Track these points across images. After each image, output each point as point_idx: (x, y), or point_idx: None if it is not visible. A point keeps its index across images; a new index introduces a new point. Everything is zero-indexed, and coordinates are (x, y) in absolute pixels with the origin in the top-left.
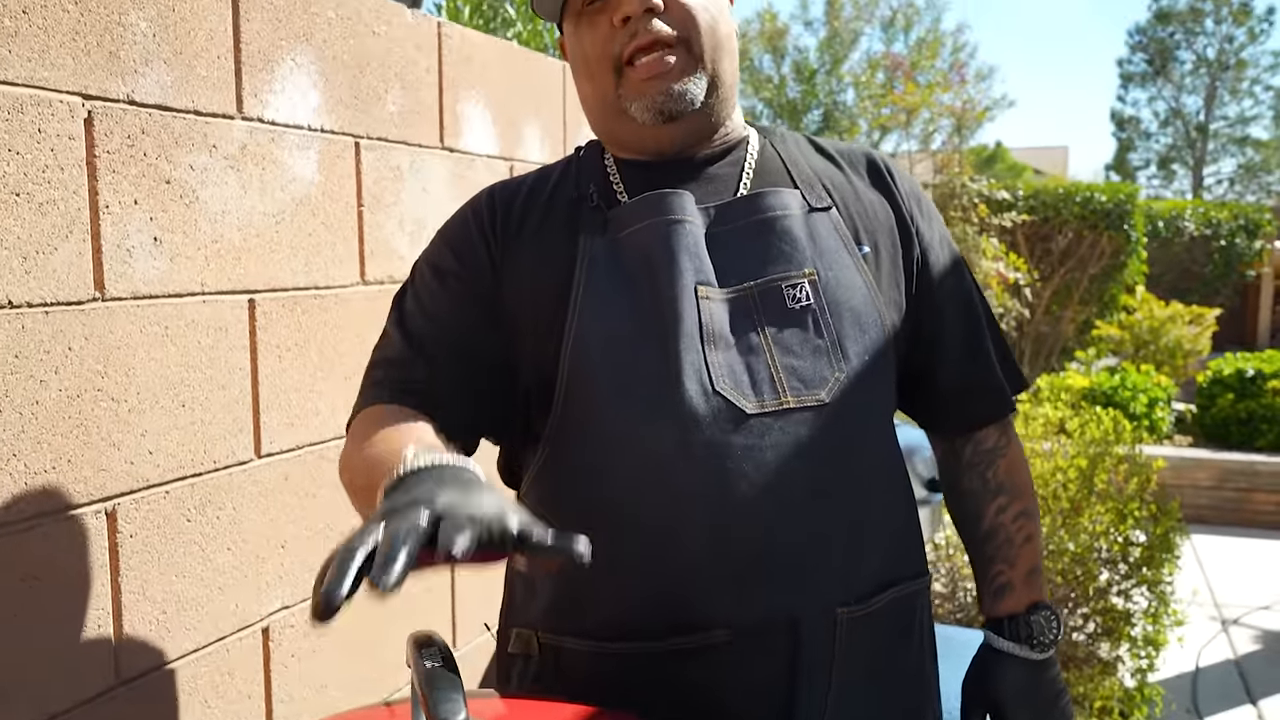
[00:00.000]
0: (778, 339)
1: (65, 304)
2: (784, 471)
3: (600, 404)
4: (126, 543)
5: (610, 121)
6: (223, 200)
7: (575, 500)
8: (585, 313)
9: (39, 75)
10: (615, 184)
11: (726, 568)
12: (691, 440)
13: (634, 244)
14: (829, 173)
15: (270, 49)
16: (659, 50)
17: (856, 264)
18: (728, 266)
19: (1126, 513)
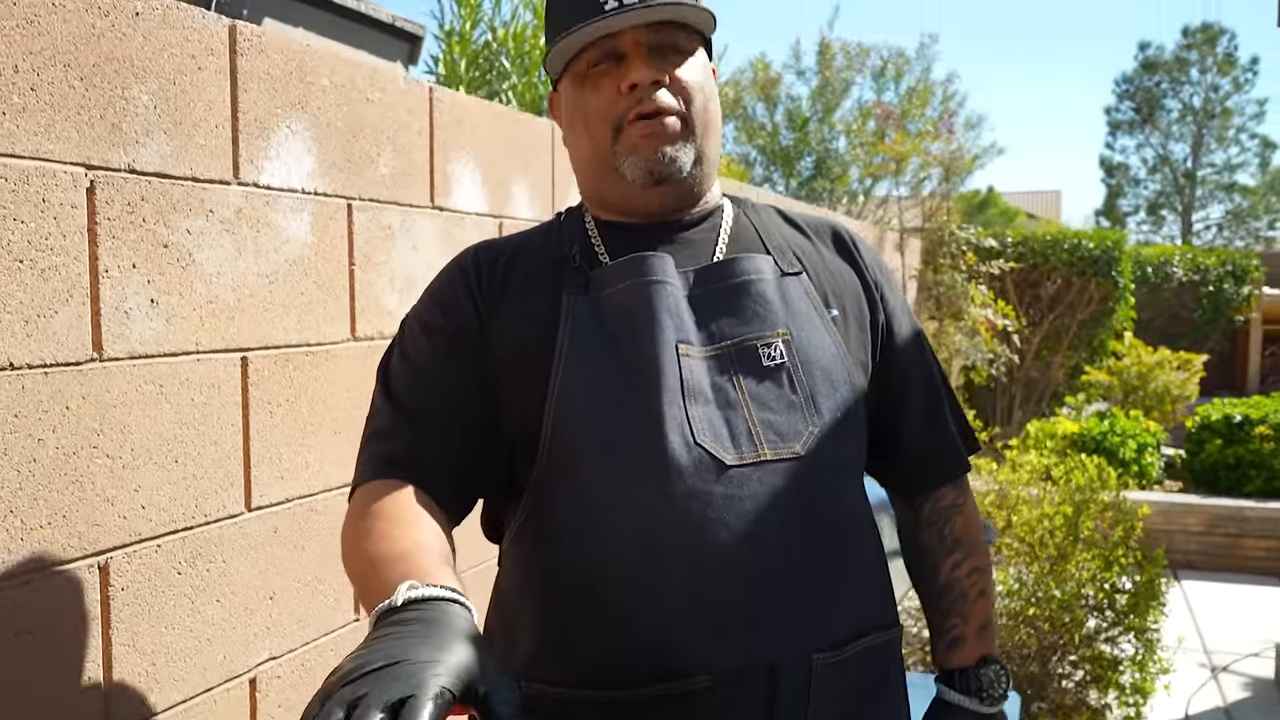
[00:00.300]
0: (754, 395)
1: (64, 365)
2: (762, 520)
3: (584, 456)
4: (118, 596)
5: (601, 179)
6: (218, 262)
7: (559, 552)
8: (569, 368)
9: (45, 148)
10: (597, 246)
11: (708, 615)
12: (674, 490)
13: (616, 303)
14: (797, 241)
15: (266, 117)
16: (661, 116)
17: (826, 325)
18: (706, 326)
19: (1112, 559)
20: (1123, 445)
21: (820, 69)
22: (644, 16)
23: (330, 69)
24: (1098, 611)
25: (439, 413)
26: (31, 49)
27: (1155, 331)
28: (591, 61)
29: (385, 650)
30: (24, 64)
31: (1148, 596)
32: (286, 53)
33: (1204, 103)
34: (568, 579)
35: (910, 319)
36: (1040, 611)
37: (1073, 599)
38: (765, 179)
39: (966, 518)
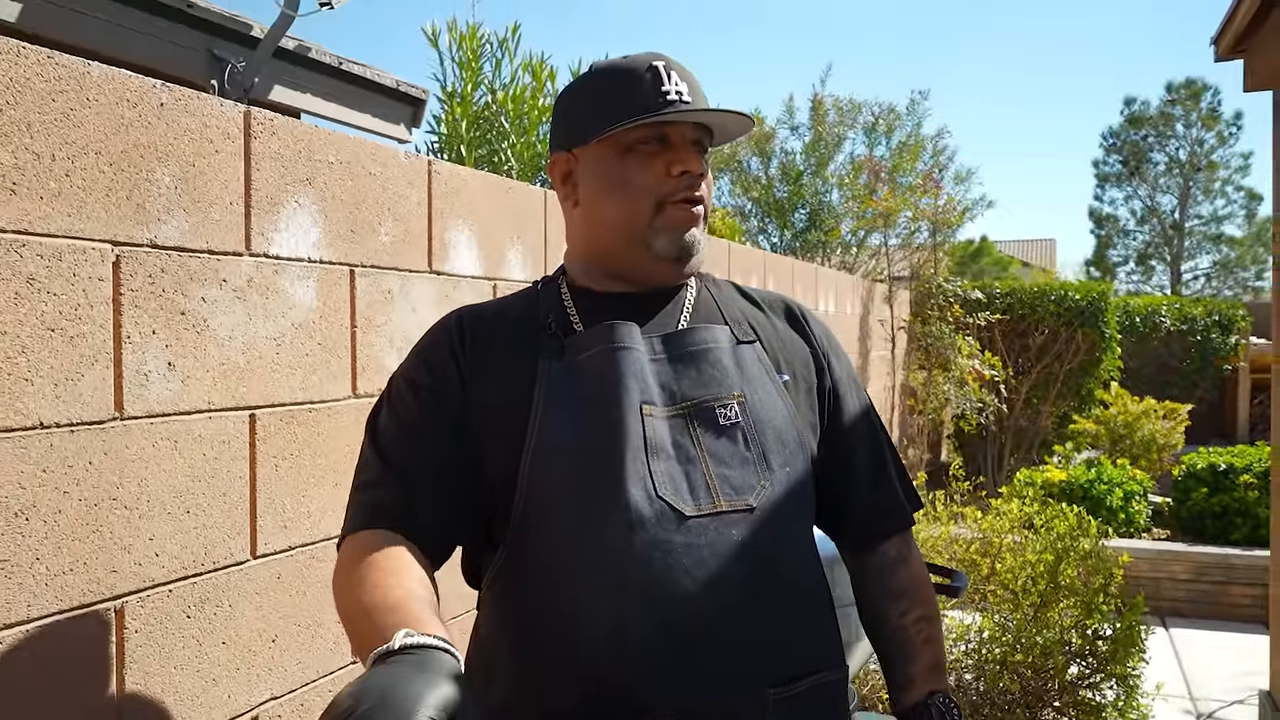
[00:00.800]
0: (711, 451)
1: (88, 424)
2: (719, 566)
3: (555, 508)
4: (132, 638)
5: (622, 244)
6: (230, 327)
7: (531, 597)
8: (544, 427)
9: (76, 227)
10: (571, 314)
11: (670, 655)
12: (637, 539)
13: (587, 367)
14: (752, 313)
15: (277, 193)
16: (695, 205)
17: (777, 389)
18: (668, 389)
19: (1093, 606)
20: (1110, 493)
21: (813, 124)
22: (711, 119)
23: (336, 147)
24: (1080, 658)
25: (424, 467)
26: (67, 139)
27: (1145, 380)
28: (640, 139)
29: (379, 683)
30: (60, 153)
31: (1126, 643)
32: (296, 134)
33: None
34: (540, 621)
35: (856, 387)
36: (1024, 658)
37: (1055, 645)
38: (760, 230)
39: (911, 569)
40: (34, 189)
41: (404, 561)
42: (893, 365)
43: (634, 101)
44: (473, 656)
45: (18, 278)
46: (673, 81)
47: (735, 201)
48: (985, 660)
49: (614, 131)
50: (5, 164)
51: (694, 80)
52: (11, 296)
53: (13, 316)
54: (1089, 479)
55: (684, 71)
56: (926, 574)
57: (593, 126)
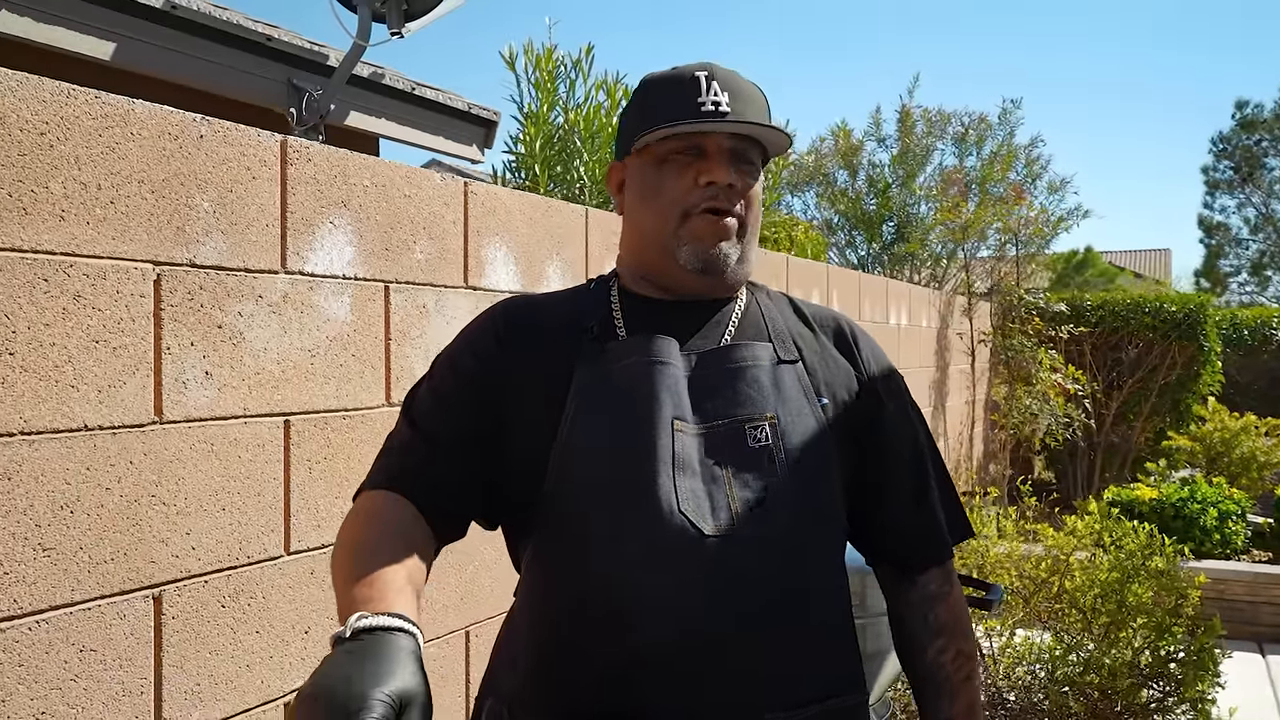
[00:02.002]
0: (738, 472)
1: (130, 426)
2: (731, 586)
3: (578, 512)
4: (169, 623)
5: (655, 255)
6: (265, 340)
7: (554, 591)
8: (574, 431)
9: (120, 249)
10: (616, 319)
11: (671, 666)
12: (654, 551)
13: (622, 377)
14: (800, 331)
15: (312, 215)
16: (726, 215)
17: (814, 412)
18: (702, 406)
19: (1164, 628)
20: (1204, 513)
21: (901, 136)
22: (739, 129)
23: (371, 171)
24: (1152, 681)
25: (451, 437)
26: (112, 170)
27: (1255, 395)
28: (675, 149)
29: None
30: (105, 183)
31: (1198, 667)
32: (331, 160)
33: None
34: (556, 619)
35: (904, 411)
36: (1093, 679)
37: (1123, 667)
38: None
39: (950, 605)
40: (81, 215)
41: (398, 533)
42: (972, 379)
43: (668, 112)
44: (502, 636)
45: (65, 295)
46: (710, 92)
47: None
48: (1055, 680)
49: (647, 141)
50: (55, 193)
51: (745, 91)
52: (59, 312)
53: (60, 329)
54: (1181, 498)
55: (733, 81)
56: (966, 609)
57: (634, 136)
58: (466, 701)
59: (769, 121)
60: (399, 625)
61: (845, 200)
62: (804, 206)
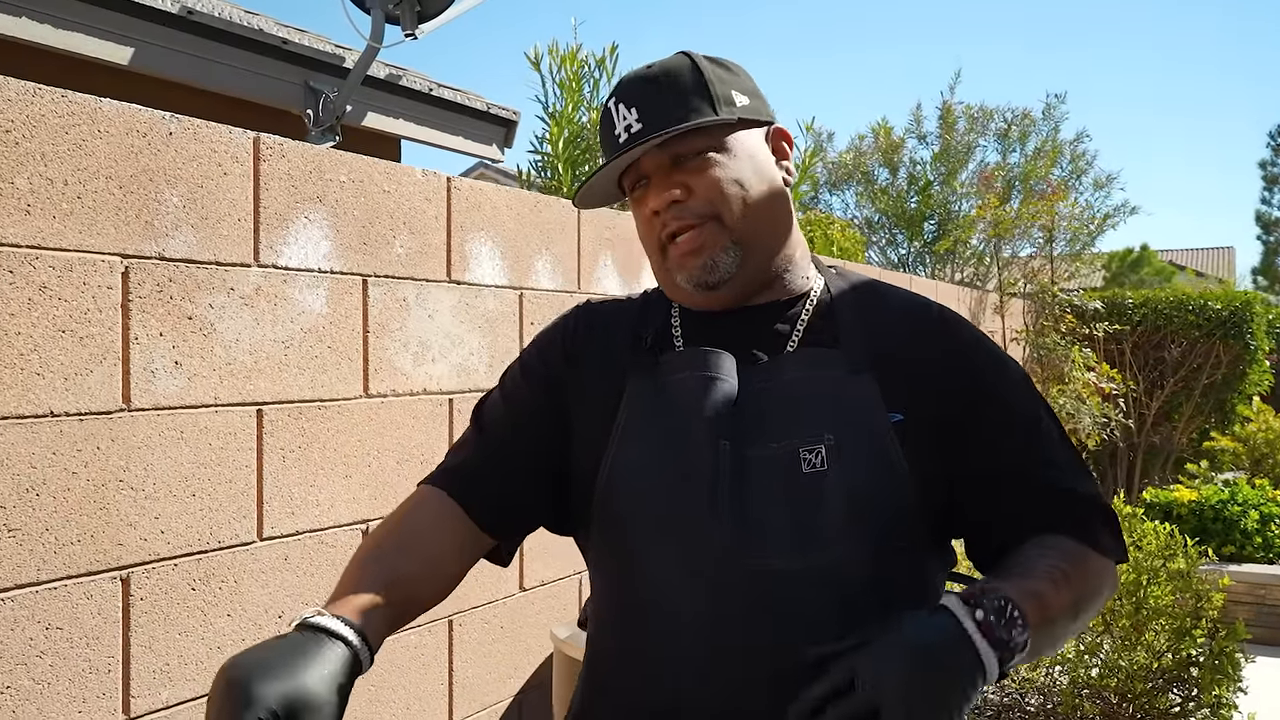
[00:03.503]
0: (787, 500)
1: (97, 413)
2: (770, 621)
3: (623, 527)
4: (137, 604)
5: (668, 289)
6: (237, 331)
7: (600, 604)
8: (623, 445)
9: (87, 242)
10: (675, 329)
11: (708, 694)
12: (691, 575)
13: (674, 391)
14: (881, 329)
15: (286, 210)
16: (691, 230)
17: (882, 432)
18: (756, 426)
19: (1184, 630)
20: (1244, 516)
21: (942, 133)
22: (646, 149)
23: (348, 167)
24: (1172, 684)
25: (512, 437)
26: (79, 166)
27: None
28: (630, 185)
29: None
30: (72, 178)
31: (1213, 670)
32: (306, 156)
33: None
34: (603, 630)
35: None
36: (1109, 682)
37: (1139, 670)
38: (889, 242)
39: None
40: (47, 209)
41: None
42: None
43: (605, 153)
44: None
45: (30, 286)
46: (620, 119)
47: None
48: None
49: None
50: (21, 189)
51: (657, 92)
52: (25, 302)
53: (26, 319)
54: (1221, 500)
55: (638, 90)
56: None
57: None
58: (449, 689)
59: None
60: (336, 630)
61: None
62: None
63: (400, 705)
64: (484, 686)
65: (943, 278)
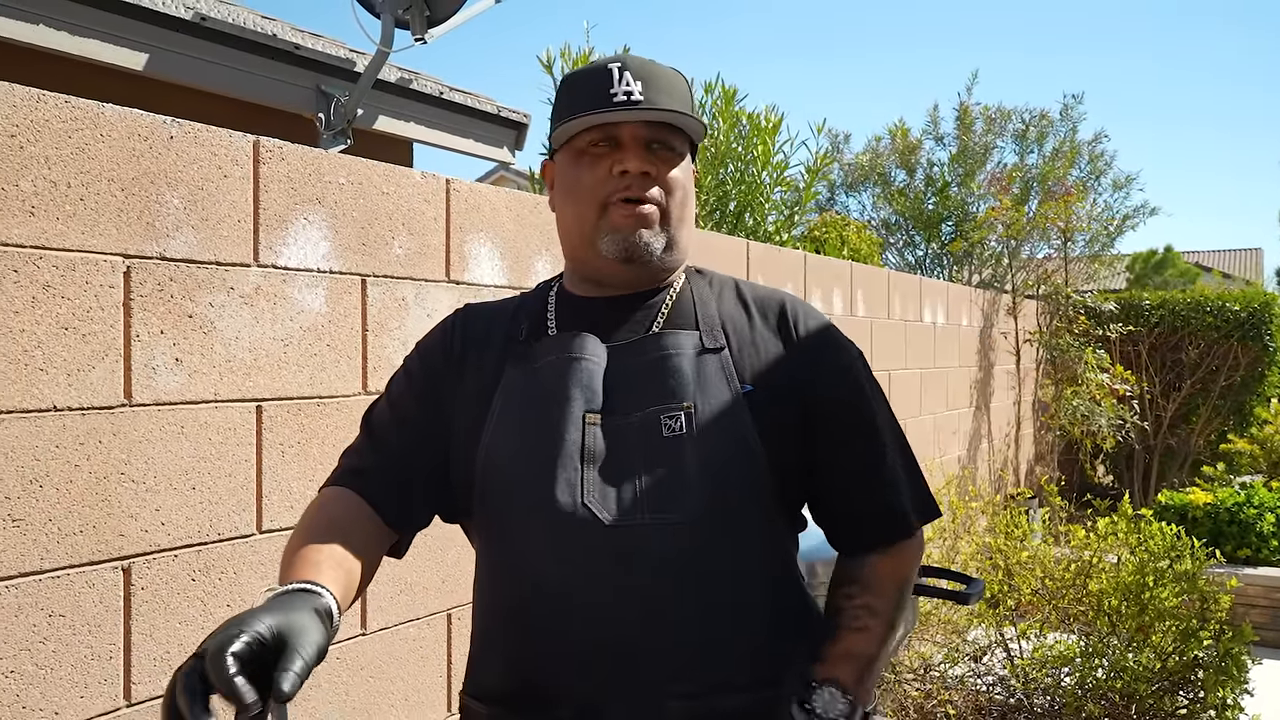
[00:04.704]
0: (649, 463)
1: (99, 408)
2: (632, 578)
3: (498, 507)
4: (138, 594)
5: (580, 248)
6: (236, 329)
7: (481, 584)
8: (496, 431)
9: (89, 243)
10: (550, 319)
11: (574, 652)
12: (559, 542)
13: (542, 375)
14: (735, 316)
15: (285, 211)
16: (641, 204)
17: (735, 400)
18: (620, 398)
19: (1190, 632)
20: (1260, 519)
21: (959, 134)
22: (645, 116)
23: (347, 169)
24: (1178, 687)
25: (399, 439)
26: (82, 169)
27: None
28: (591, 141)
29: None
30: (75, 180)
31: (1218, 671)
32: (305, 158)
33: None
34: (482, 607)
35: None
36: (1115, 683)
37: (1148, 671)
38: (906, 243)
39: (879, 565)
40: (51, 211)
41: (334, 522)
42: (1018, 380)
43: (582, 105)
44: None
45: (34, 285)
46: (622, 82)
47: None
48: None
49: (565, 135)
50: (25, 190)
51: (661, 78)
52: (29, 300)
53: (30, 317)
54: (1237, 502)
55: (646, 70)
56: (902, 579)
57: (556, 130)
58: (448, 680)
59: (688, 109)
60: (301, 586)
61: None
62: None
63: (399, 696)
64: None
65: (960, 279)
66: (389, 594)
